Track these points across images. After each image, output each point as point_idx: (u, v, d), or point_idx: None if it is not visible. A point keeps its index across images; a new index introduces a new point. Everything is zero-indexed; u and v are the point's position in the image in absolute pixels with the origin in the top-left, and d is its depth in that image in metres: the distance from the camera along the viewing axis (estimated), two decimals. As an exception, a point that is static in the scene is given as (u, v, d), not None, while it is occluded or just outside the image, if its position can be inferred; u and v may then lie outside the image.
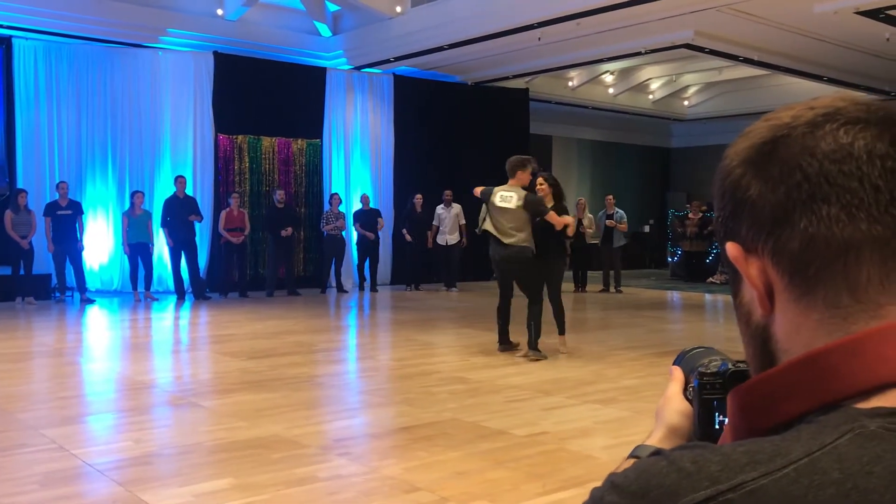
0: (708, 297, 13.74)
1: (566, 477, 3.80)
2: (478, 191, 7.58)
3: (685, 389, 0.90)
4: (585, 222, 13.81)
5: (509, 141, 16.18)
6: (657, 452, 0.60)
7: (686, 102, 20.44)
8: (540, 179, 7.55)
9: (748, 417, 0.63)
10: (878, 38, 11.92)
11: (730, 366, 0.84)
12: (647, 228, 20.07)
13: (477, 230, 7.85)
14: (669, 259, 17.72)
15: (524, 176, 7.38)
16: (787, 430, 0.59)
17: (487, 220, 7.24)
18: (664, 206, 20.88)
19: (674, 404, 0.89)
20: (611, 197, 14.20)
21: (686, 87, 19.73)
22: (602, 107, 18.73)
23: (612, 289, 13.82)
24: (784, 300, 0.62)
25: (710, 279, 15.77)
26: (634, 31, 12.10)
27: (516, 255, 7.01)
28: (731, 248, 0.64)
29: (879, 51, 12.71)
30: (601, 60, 14.83)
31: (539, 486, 3.68)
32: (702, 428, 0.83)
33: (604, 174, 20.60)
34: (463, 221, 13.93)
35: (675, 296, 13.96)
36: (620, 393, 5.76)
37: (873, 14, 10.93)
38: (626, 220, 14.03)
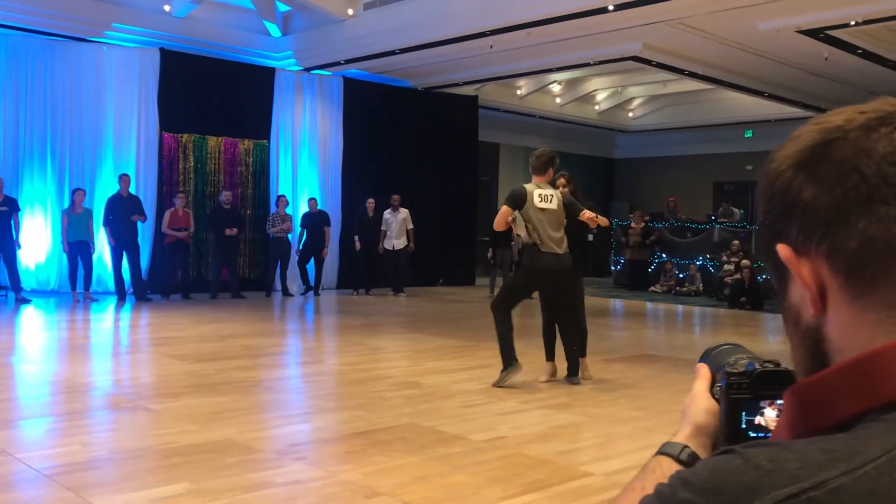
0: (650, 305, 13.99)
1: (527, 481, 3.81)
2: (505, 213, 6.03)
3: (712, 387, 0.90)
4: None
5: (458, 147, 16.26)
6: (728, 450, 0.59)
7: (630, 114, 20.82)
8: (563, 178, 6.55)
9: (807, 415, 0.63)
10: (818, 58, 12.32)
11: (757, 366, 0.84)
12: (590, 237, 20.26)
13: (521, 241, 6.35)
14: (612, 268, 17.98)
15: (551, 174, 6.22)
16: (847, 428, 0.59)
17: (526, 227, 5.97)
18: (607, 215, 21.01)
19: (700, 402, 0.90)
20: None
21: (631, 99, 20.09)
22: (549, 116, 18.95)
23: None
24: (838, 300, 0.63)
25: (652, 288, 16.06)
26: (584, 42, 12.27)
27: (569, 266, 6.07)
28: (783, 250, 0.65)
29: (819, 69, 13.14)
30: (550, 70, 15.00)
31: (500, 490, 3.68)
32: (728, 427, 0.84)
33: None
34: (411, 226, 13.91)
35: (618, 304, 14.16)
36: (572, 399, 5.80)
37: (814, 34, 11.30)
38: None
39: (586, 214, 6.12)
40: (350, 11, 13.09)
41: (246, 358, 7.26)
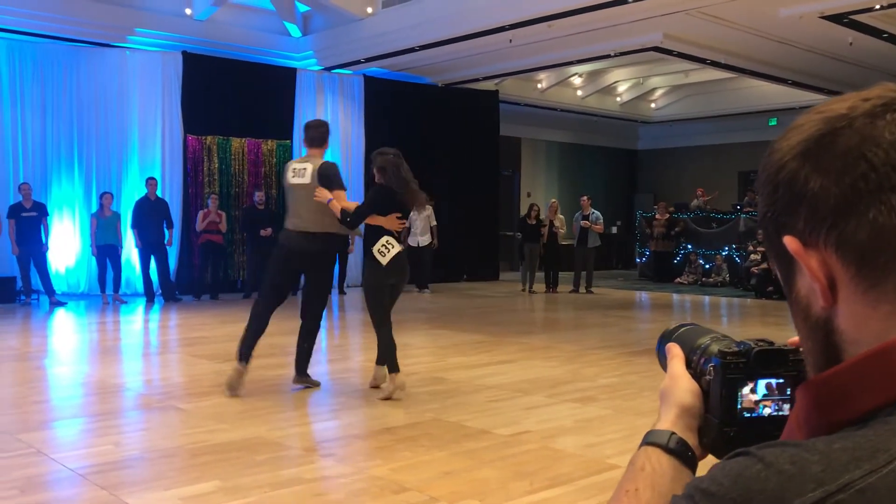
0: (675, 296, 13.92)
1: (553, 475, 3.82)
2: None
3: (688, 367, 0.88)
4: (557, 223, 13.91)
5: (479, 142, 16.26)
6: (743, 453, 0.58)
7: (653, 105, 20.68)
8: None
9: (823, 411, 0.62)
10: (842, 43, 12.17)
11: (752, 345, 0.83)
12: (614, 230, 20.25)
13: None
14: (637, 260, 17.90)
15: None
16: (865, 422, 0.58)
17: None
18: (631, 207, 21.09)
19: (683, 383, 0.86)
20: (586, 198, 14.27)
21: (653, 90, 19.96)
22: (570, 109, 18.88)
23: (582, 289, 13.92)
24: (849, 292, 0.61)
25: (678, 279, 15.96)
26: (604, 33, 12.21)
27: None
28: (791, 242, 0.63)
29: (843, 55, 12.97)
30: (570, 63, 14.94)
31: (527, 484, 3.70)
32: (724, 409, 0.82)
33: (572, 176, 20.75)
34: (434, 223, 13.94)
35: (643, 296, 14.10)
36: (599, 392, 5.80)
37: (837, 19, 11.16)
38: (601, 221, 14.12)
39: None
40: (369, 10, 13.13)
41: (273, 356, 7.33)
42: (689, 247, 16.30)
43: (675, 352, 0.90)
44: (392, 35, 13.00)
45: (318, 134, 5.65)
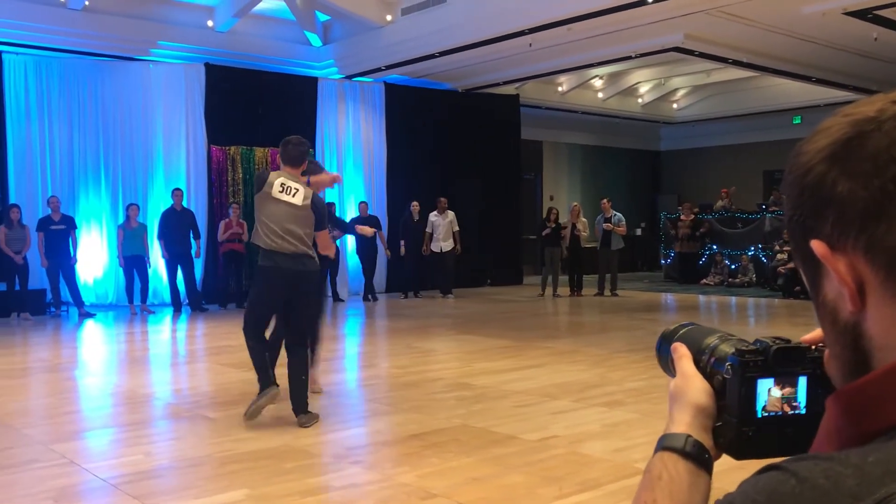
0: (702, 298, 13.81)
1: (582, 480, 3.81)
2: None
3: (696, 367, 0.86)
4: (580, 226, 13.86)
5: (501, 146, 16.26)
6: (775, 467, 0.58)
7: (675, 105, 20.56)
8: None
9: (856, 421, 0.61)
10: (866, 38, 12.03)
11: (770, 343, 0.81)
12: (638, 231, 20.15)
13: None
14: (662, 261, 17.79)
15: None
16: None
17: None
18: (655, 208, 20.97)
19: (697, 383, 0.84)
20: (607, 200, 14.21)
21: (675, 91, 19.85)
22: (591, 111, 18.83)
23: (607, 292, 13.85)
24: (879, 296, 0.61)
25: (704, 281, 15.84)
26: (624, 35, 12.17)
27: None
28: (818, 246, 0.63)
29: (867, 51, 12.83)
30: (591, 65, 14.90)
31: (555, 489, 3.68)
32: (742, 408, 0.80)
33: (594, 178, 20.67)
34: (457, 228, 13.95)
35: (669, 298, 14.01)
36: (626, 395, 5.77)
37: (861, 14, 11.03)
38: (624, 222, 14.03)
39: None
40: (388, 17, 13.19)
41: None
42: (715, 247, 16.17)
43: (683, 351, 0.87)
44: (412, 42, 13.04)
45: (299, 153, 5.24)
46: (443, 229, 13.89)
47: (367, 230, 7.45)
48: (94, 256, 12.67)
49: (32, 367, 7.80)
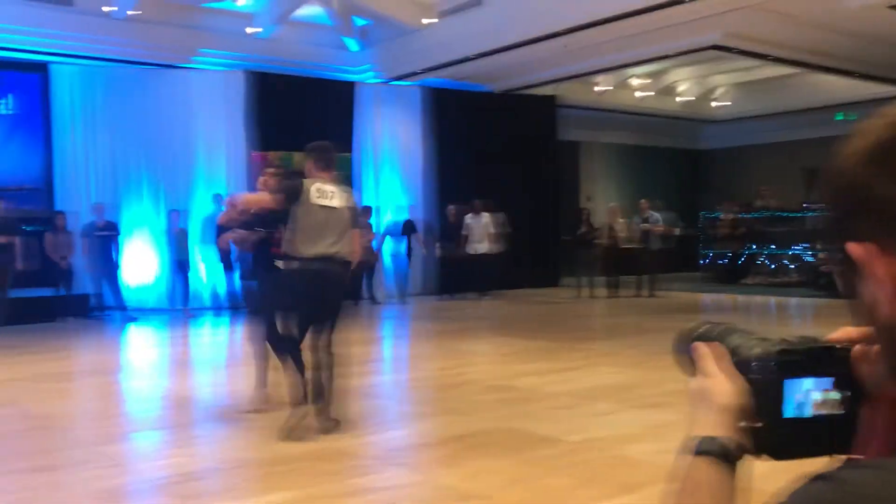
0: (741, 298, 13.63)
1: (623, 482, 3.79)
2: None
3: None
4: (617, 227, 13.77)
5: (538, 147, 16.22)
6: (823, 477, 0.57)
7: (715, 103, 20.31)
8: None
9: None
10: (911, 32, 11.78)
11: (798, 342, 0.81)
12: (677, 231, 19.91)
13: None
14: (702, 262, 17.59)
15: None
16: None
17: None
18: (695, 208, 20.73)
19: (724, 383, 0.82)
20: (645, 201, 14.09)
21: (715, 88, 19.61)
22: (630, 111, 18.68)
23: (645, 293, 13.73)
24: None
25: (744, 281, 15.62)
26: (661, 34, 12.07)
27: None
28: (855, 248, 0.63)
29: (912, 44, 12.56)
30: (628, 65, 14.80)
31: (596, 491, 3.67)
32: (772, 409, 0.78)
33: (633, 179, 20.51)
34: (493, 230, 13.93)
35: (709, 298, 13.84)
36: (667, 397, 5.71)
37: (906, 7, 10.81)
38: (661, 223, 13.91)
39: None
40: (425, 21, 13.24)
41: (339, 366, 7.41)
42: (755, 247, 15.95)
43: (704, 350, 0.86)
44: (449, 45, 13.08)
45: (331, 157, 5.30)
46: (478, 231, 13.89)
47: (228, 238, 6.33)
48: (137, 261, 12.91)
49: (79, 371, 7.98)
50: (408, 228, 13.81)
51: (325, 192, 5.12)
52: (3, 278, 10.81)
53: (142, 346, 9.83)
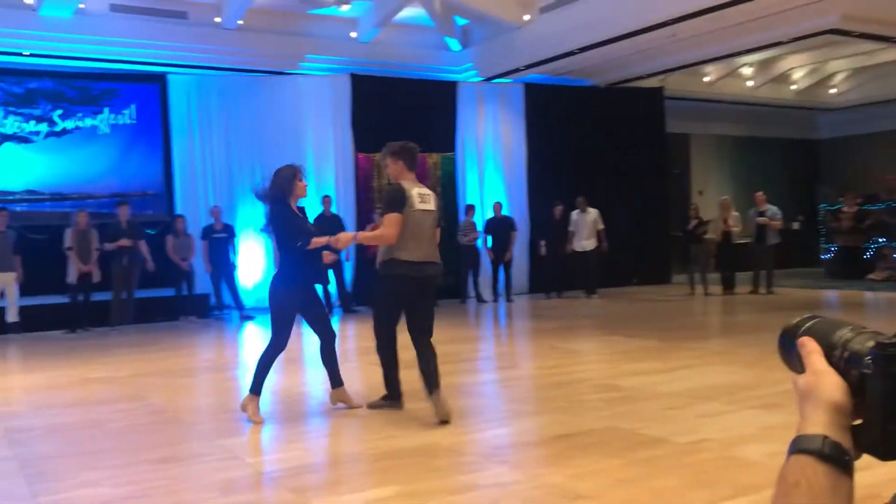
0: (868, 295, 12.92)
1: (735, 484, 3.66)
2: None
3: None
4: (731, 221, 13.31)
5: (645, 141, 15.87)
6: None
7: (833, 90, 19.36)
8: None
9: None
10: None
11: None
12: (796, 225, 19.11)
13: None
14: (823, 256, 16.79)
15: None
16: None
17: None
18: (814, 200, 19.81)
19: (831, 379, 0.79)
20: (761, 193, 13.54)
21: (832, 75, 18.70)
22: (741, 101, 18.05)
23: (762, 290, 13.22)
24: None
25: (870, 276, 14.81)
26: (774, 20, 11.60)
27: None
28: None
29: None
30: (739, 53, 14.30)
31: (707, 493, 3.56)
32: (886, 405, 0.75)
33: (746, 171, 19.77)
34: (601, 227, 13.73)
35: (831, 295, 13.21)
36: (783, 398, 5.48)
37: None
38: (780, 216, 13.34)
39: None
40: (526, 17, 13.18)
41: (444, 364, 7.45)
42: (882, 240, 15.08)
43: (813, 346, 0.83)
44: (550, 40, 12.98)
45: (417, 157, 5.42)
46: (585, 228, 13.72)
47: (320, 242, 5.76)
48: (253, 262, 13.41)
49: (199, 367, 8.35)
50: (507, 226, 13.74)
51: (424, 197, 5.25)
52: (129, 280, 11.46)
53: (257, 343, 10.19)
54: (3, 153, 12.50)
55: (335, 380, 5.70)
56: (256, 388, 5.41)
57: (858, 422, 0.78)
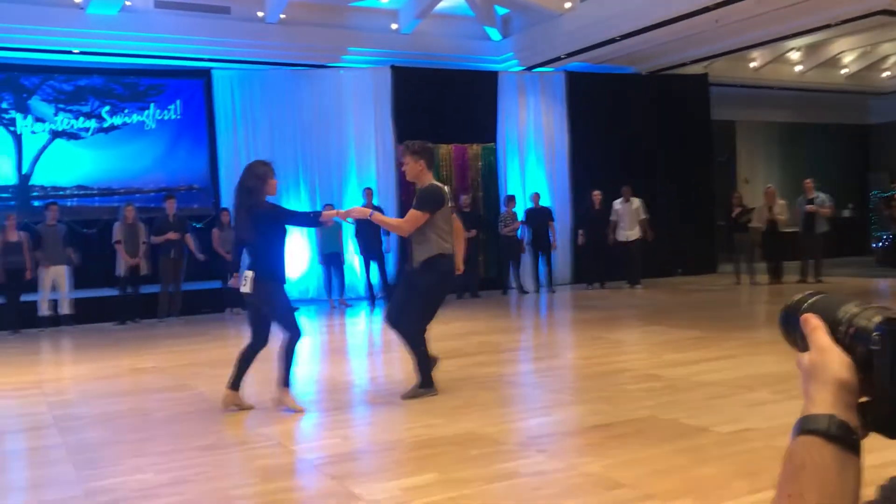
0: (923, 283, 12.58)
1: (778, 475, 3.59)
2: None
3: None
4: (776, 209, 13.05)
5: (690, 129, 15.65)
6: None
7: (885, 74, 18.83)
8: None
9: None
10: None
11: None
12: (846, 213, 18.66)
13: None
14: (874, 245, 16.38)
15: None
16: None
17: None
18: (865, 187, 19.32)
19: (836, 356, 0.77)
20: (810, 181, 13.23)
21: (885, 58, 18.19)
22: (789, 86, 17.67)
23: (810, 279, 12.95)
24: None
25: (925, 264, 14.43)
26: (822, 2, 11.33)
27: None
28: None
29: None
30: (786, 37, 13.99)
31: (748, 484, 3.51)
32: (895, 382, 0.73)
33: (794, 158, 19.37)
34: (644, 216, 13.57)
35: (883, 284, 12.89)
36: (831, 387, 5.37)
37: None
38: (829, 204, 13.04)
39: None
40: (567, 4, 13.07)
41: (485, 354, 7.50)
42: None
43: (816, 322, 0.80)
44: (592, 28, 12.85)
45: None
46: (628, 218, 13.57)
47: (331, 214, 6.15)
48: (296, 254, 13.54)
49: (244, 357, 8.45)
50: (546, 216, 13.66)
51: (448, 194, 5.65)
52: (176, 273, 11.68)
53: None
54: (55, 149, 12.82)
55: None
56: (287, 381, 5.44)
57: (865, 399, 0.76)
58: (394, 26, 13.68)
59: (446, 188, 5.70)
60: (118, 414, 5.59)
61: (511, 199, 13.82)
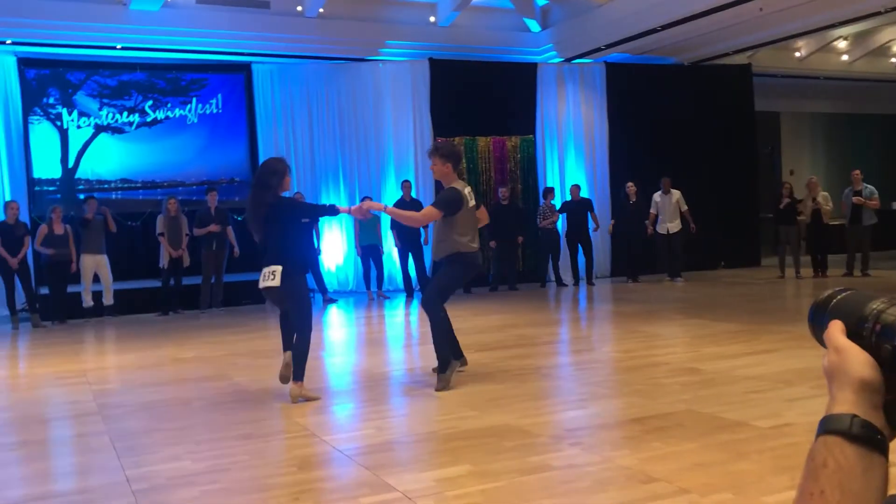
0: (975, 277, 12.23)
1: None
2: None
3: (858, 338, 0.78)
4: (821, 200, 12.78)
5: (733, 120, 15.40)
6: None
7: (938, 62, 18.31)
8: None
9: None
10: None
11: None
12: (895, 205, 18.20)
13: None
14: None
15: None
16: None
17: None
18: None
19: (856, 355, 0.75)
20: (858, 172, 12.92)
21: (936, 46, 17.67)
22: (836, 76, 17.27)
23: (857, 272, 12.67)
24: None
25: (977, 258, 14.01)
26: (871, -12, 11.03)
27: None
28: None
29: None
30: (833, 26, 13.66)
31: (787, 479, 3.45)
32: None
33: (840, 149, 18.95)
34: (685, 208, 13.38)
35: (933, 278, 12.55)
36: (875, 383, 5.26)
37: None
38: (877, 195, 12.73)
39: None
40: (607, -5, 12.92)
41: (522, 347, 7.48)
42: None
43: (833, 323, 0.79)
44: (632, 18, 12.69)
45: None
46: (668, 210, 13.40)
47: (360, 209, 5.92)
48: (335, 247, 13.66)
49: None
50: (586, 207, 13.52)
51: (470, 195, 5.85)
52: (217, 264, 11.84)
53: (339, 325, 10.40)
54: (99, 144, 13.07)
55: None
56: (302, 376, 5.48)
57: (892, 397, 0.74)
58: (432, 19, 13.67)
59: (469, 189, 5.91)
60: (159, 403, 5.69)
61: (549, 191, 13.74)
